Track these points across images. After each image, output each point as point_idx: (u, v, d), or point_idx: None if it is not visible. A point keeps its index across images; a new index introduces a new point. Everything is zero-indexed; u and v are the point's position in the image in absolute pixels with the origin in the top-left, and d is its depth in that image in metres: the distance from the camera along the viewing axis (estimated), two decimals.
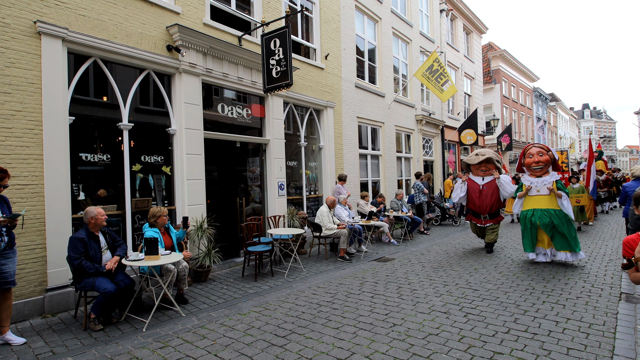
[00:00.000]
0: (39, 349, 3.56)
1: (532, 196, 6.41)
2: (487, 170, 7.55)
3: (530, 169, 6.57)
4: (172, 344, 3.57)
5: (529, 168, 6.57)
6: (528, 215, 6.36)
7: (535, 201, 6.36)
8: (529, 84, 29.36)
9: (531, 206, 6.37)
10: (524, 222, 6.44)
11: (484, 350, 3.28)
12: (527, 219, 6.36)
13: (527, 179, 6.57)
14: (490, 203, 7.43)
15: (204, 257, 5.82)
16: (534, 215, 6.28)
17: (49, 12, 4.62)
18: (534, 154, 6.51)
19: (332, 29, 9.64)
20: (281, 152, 7.95)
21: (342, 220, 7.67)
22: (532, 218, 6.29)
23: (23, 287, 4.30)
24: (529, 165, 6.55)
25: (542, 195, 6.32)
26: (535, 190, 6.40)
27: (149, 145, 5.91)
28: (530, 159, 6.53)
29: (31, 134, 4.44)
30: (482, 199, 7.47)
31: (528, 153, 6.61)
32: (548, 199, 6.26)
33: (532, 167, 6.51)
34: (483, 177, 7.55)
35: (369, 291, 5.11)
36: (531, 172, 6.55)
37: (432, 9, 15.41)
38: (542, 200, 6.30)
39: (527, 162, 6.58)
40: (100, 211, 4.17)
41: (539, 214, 6.22)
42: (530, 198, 6.43)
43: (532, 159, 6.49)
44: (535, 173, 6.50)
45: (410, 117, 13.43)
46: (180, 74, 6.10)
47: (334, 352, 3.32)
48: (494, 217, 7.60)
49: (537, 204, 6.31)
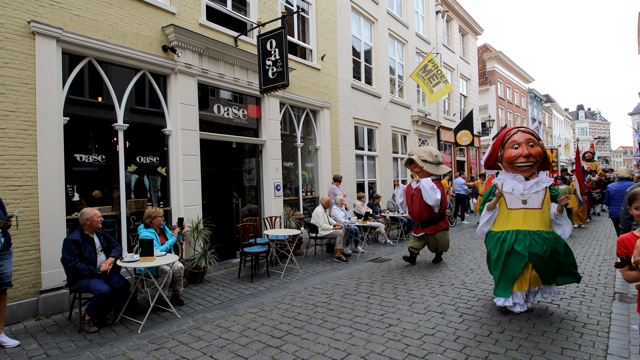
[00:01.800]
0: (32, 351, 3.54)
1: (514, 210, 4.16)
2: (419, 172, 6.62)
3: (513, 166, 4.23)
4: (167, 346, 3.56)
5: (512, 164, 4.23)
6: (507, 239, 4.08)
7: (517, 218, 4.14)
8: (524, 85, 29.55)
9: (511, 225, 4.14)
10: (497, 249, 4.13)
11: (479, 350, 3.29)
12: (504, 245, 4.09)
13: (504, 179, 4.30)
14: (419, 210, 6.49)
15: (199, 258, 5.80)
16: (517, 240, 4.03)
17: (43, 12, 4.59)
18: (521, 143, 4.14)
19: (328, 29, 9.65)
20: (277, 153, 7.94)
21: (339, 220, 7.68)
22: (515, 245, 4.02)
23: (17, 288, 4.26)
24: (513, 160, 4.18)
25: (531, 210, 4.10)
26: (517, 199, 4.15)
27: (145, 146, 5.89)
28: (514, 150, 4.17)
29: (25, 135, 4.40)
30: (413, 205, 6.62)
31: (511, 141, 4.22)
32: (539, 215, 4.09)
33: (518, 164, 4.17)
34: (418, 180, 6.62)
35: (365, 292, 5.11)
36: (513, 170, 4.27)
37: (428, 10, 15.47)
38: (531, 217, 4.09)
39: (510, 155, 4.19)
40: (96, 212, 4.14)
41: (527, 239, 4.00)
42: (510, 213, 4.18)
43: (517, 150, 4.15)
44: (522, 173, 4.22)
45: (406, 118, 13.47)
46: (175, 74, 6.08)
47: (329, 352, 3.32)
48: (426, 225, 6.57)
49: (522, 222, 4.11)
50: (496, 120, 22.87)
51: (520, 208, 4.14)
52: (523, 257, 3.97)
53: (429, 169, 6.54)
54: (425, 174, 6.55)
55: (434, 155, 6.63)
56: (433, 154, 6.62)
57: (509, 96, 26.10)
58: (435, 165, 6.63)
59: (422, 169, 6.51)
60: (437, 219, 6.56)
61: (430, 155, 6.61)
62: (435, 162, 6.61)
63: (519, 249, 3.99)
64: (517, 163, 4.18)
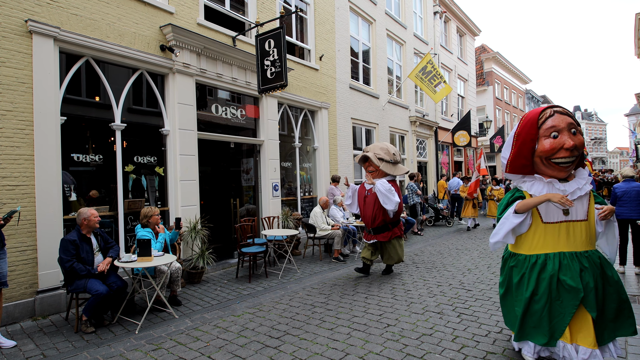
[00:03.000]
0: (29, 351, 3.52)
1: (551, 224, 2.88)
2: (375, 172, 5.84)
3: (549, 163, 2.88)
4: (165, 346, 3.55)
5: (549, 161, 2.87)
6: (547, 266, 2.85)
7: (558, 234, 2.86)
8: (521, 86, 29.64)
9: (551, 246, 2.87)
10: (531, 281, 2.88)
11: (477, 350, 3.30)
12: (544, 276, 2.84)
13: (532, 183, 2.99)
14: (372, 214, 5.72)
15: (197, 258, 5.79)
16: (561, 268, 2.80)
17: (40, 10, 4.57)
18: (563, 129, 2.81)
19: (326, 30, 9.65)
20: (275, 153, 7.94)
21: (337, 220, 7.68)
22: (560, 274, 2.78)
23: (13, 289, 4.24)
24: (552, 154, 2.83)
25: (576, 222, 2.85)
26: (557, 209, 2.86)
27: (142, 145, 5.87)
28: (554, 141, 2.81)
29: (22, 134, 4.38)
30: (366, 209, 5.83)
31: (548, 127, 2.83)
32: (585, 229, 2.86)
33: (558, 160, 2.83)
34: (372, 183, 5.78)
35: (363, 292, 5.12)
36: (550, 168, 2.90)
37: (426, 11, 15.50)
38: (577, 231, 2.85)
39: (548, 147, 2.82)
40: (93, 212, 4.13)
41: (576, 264, 2.78)
42: (547, 228, 2.88)
43: (559, 140, 2.80)
44: (561, 173, 2.91)
45: (404, 119, 13.49)
46: (173, 74, 6.07)
47: (328, 352, 3.32)
48: (379, 231, 5.80)
49: (565, 240, 2.85)
50: (493, 121, 22.94)
51: (561, 221, 2.85)
52: (577, 292, 2.69)
53: (385, 168, 5.77)
54: (382, 173, 5.78)
55: (391, 153, 5.86)
56: (391, 152, 5.86)
57: (506, 97, 26.18)
58: (393, 164, 5.86)
59: (378, 168, 5.76)
60: (391, 225, 5.82)
61: (387, 153, 5.82)
62: (393, 161, 5.84)
63: (567, 279, 2.73)
64: (557, 159, 2.82)
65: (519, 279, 2.97)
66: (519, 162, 2.98)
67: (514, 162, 3.01)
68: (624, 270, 5.67)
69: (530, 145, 2.89)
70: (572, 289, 2.72)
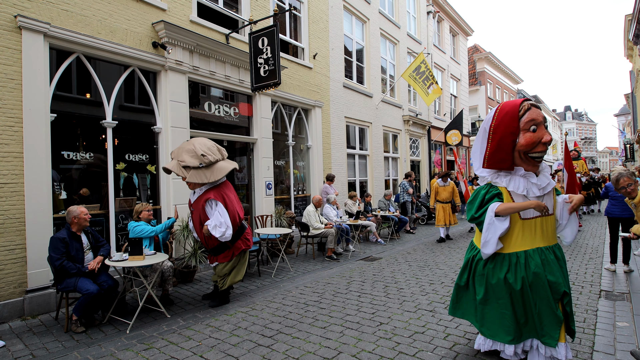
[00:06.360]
0: (18, 352, 3.47)
1: (528, 220, 2.81)
2: (190, 184, 4.50)
3: (527, 158, 2.80)
4: (156, 346, 3.52)
5: (527, 155, 2.79)
6: (530, 264, 2.78)
7: (534, 230, 2.83)
8: (513, 86, 29.90)
9: (529, 242, 2.82)
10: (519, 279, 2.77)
11: (469, 348, 3.32)
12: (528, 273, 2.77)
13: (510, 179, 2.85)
14: (202, 236, 4.55)
15: (189, 257, 5.75)
16: (536, 264, 2.76)
17: (30, 6, 4.50)
18: (540, 122, 2.75)
19: (320, 28, 9.64)
20: (269, 152, 7.92)
21: (330, 219, 7.68)
22: (535, 269, 2.75)
23: (2, 288, 4.18)
24: (531, 148, 2.75)
25: (547, 217, 2.85)
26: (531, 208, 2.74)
27: (134, 143, 5.81)
28: (533, 134, 2.73)
29: (11, 132, 4.31)
30: (195, 226, 4.66)
31: (528, 120, 2.73)
32: (552, 222, 2.91)
33: (535, 155, 2.78)
34: (194, 190, 4.58)
35: (356, 290, 5.13)
36: (526, 163, 2.82)
37: (419, 10, 15.55)
38: (549, 226, 2.87)
39: (530, 141, 2.73)
40: (83, 210, 4.08)
41: (552, 259, 2.81)
42: (525, 224, 2.82)
43: (537, 134, 2.73)
44: (535, 167, 2.85)
45: (397, 118, 13.54)
46: (166, 71, 6.01)
47: (320, 351, 3.32)
48: (218, 252, 4.59)
49: (541, 235, 2.83)
50: None
51: (537, 216, 2.80)
52: (545, 286, 2.73)
53: (195, 177, 4.31)
54: (194, 185, 4.44)
55: (199, 154, 4.30)
56: (198, 153, 4.30)
57: (498, 97, 26.39)
58: (206, 168, 4.35)
59: (185, 179, 4.41)
60: (230, 243, 4.55)
61: (194, 155, 4.31)
62: (204, 163, 4.32)
63: (543, 274, 2.74)
64: (534, 153, 2.76)
65: (502, 279, 2.82)
66: (498, 156, 2.82)
67: (492, 157, 2.84)
68: (615, 269, 5.75)
69: (511, 139, 2.76)
70: (553, 284, 2.72)
